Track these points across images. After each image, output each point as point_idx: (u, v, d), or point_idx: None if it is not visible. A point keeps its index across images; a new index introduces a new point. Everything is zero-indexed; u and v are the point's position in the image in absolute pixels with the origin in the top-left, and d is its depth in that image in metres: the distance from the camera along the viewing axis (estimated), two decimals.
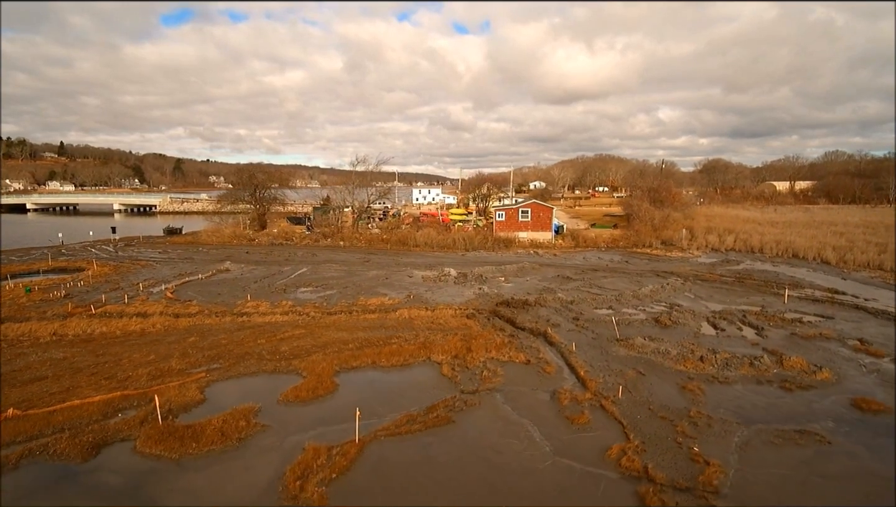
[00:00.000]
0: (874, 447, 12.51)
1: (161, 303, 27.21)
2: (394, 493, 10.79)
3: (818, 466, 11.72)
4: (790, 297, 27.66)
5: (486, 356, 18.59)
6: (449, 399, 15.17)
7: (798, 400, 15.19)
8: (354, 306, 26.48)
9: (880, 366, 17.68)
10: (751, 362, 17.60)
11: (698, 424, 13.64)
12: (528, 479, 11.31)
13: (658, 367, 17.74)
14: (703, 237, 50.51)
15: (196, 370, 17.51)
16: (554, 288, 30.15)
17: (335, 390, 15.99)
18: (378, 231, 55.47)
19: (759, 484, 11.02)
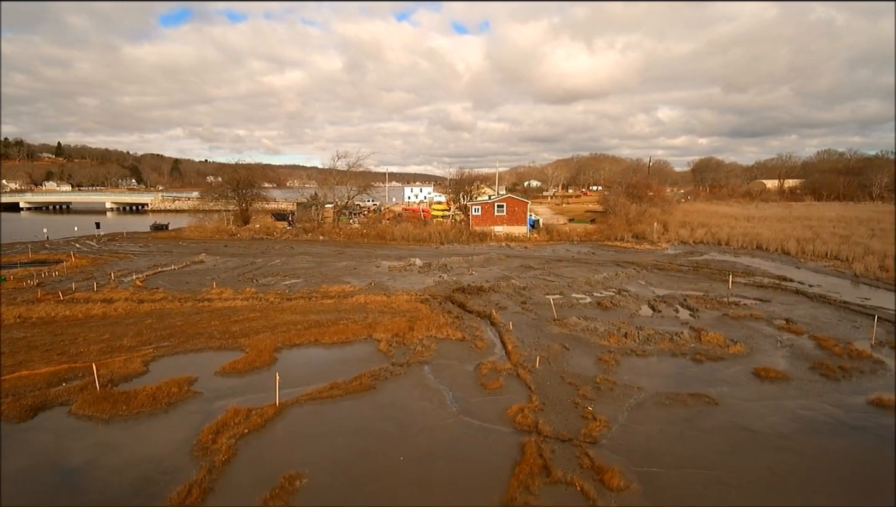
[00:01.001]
0: (757, 407, 13.47)
1: (129, 290, 28.14)
2: (299, 445, 11.73)
3: (697, 422, 12.68)
4: (737, 283, 28.62)
5: (425, 335, 19.53)
6: (377, 370, 16.11)
7: (704, 370, 16.14)
8: (315, 293, 27.41)
9: (795, 342, 18.64)
10: (671, 338, 18.58)
11: (601, 389, 14.60)
12: (428, 434, 12.25)
13: (584, 342, 18.69)
14: (675, 231, 51.50)
15: (145, 348, 18.44)
16: (512, 276, 31.11)
17: (273, 363, 16.91)
18: (358, 226, 56.46)
19: (637, 436, 11.97)
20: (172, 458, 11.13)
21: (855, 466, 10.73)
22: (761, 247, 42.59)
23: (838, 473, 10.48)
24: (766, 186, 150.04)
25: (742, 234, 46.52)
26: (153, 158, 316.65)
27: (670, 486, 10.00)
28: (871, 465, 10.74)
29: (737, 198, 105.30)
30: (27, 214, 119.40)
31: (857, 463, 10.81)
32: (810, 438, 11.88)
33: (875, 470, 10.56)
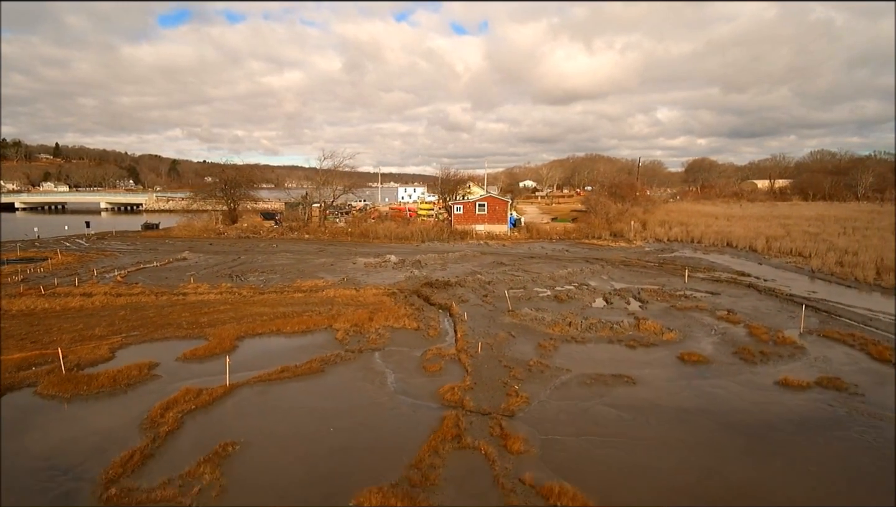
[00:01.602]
0: (670, 386, 14.56)
1: (108, 285, 29.18)
2: (240, 420, 12.80)
3: (610, 398, 13.77)
4: (695, 278, 29.76)
5: (382, 325, 20.60)
6: (329, 356, 17.18)
7: (635, 354, 17.23)
8: (287, 288, 28.46)
9: (729, 330, 19.74)
10: (611, 327, 19.69)
11: (533, 371, 15.69)
12: (362, 410, 13.33)
13: (530, 331, 19.78)
14: (652, 230, 52.61)
15: (115, 337, 19.50)
16: (481, 272, 32.20)
17: (233, 350, 17.96)
18: (344, 225, 57.55)
19: (551, 410, 13.06)
20: (123, 430, 12.19)
21: (737, 433, 11.82)
22: (731, 244, 43.73)
23: (720, 438, 11.57)
24: (757, 186, 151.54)
25: (715, 232, 47.67)
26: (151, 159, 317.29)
27: (565, 449, 11.09)
28: (756, 434, 11.81)
29: (724, 198, 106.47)
30: (22, 214, 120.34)
31: (742, 433, 11.89)
32: (708, 411, 12.98)
33: (756, 440, 11.63)
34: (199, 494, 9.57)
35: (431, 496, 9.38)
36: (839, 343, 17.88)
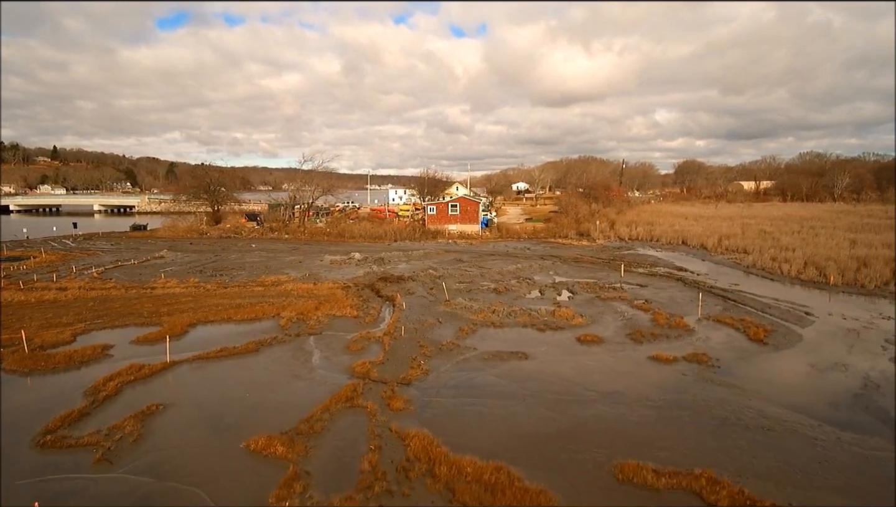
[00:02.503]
0: (558, 360, 16.55)
1: (84, 281, 31.15)
2: (172, 388, 14.80)
3: (499, 370, 15.77)
4: (633, 273, 31.80)
5: (325, 313, 22.60)
6: (267, 338, 19.17)
7: (541, 336, 19.23)
8: (251, 282, 30.44)
9: (636, 316, 21.76)
10: (530, 313, 21.71)
11: (443, 349, 17.69)
12: (281, 380, 15.31)
13: (457, 317, 21.78)
14: (619, 229, 54.65)
15: (80, 324, 21.48)
16: (437, 268, 34.21)
17: (183, 335, 19.97)
18: (322, 225, 59.55)
19: (443, 379, 15.07)
20: (69, 396, 14.17)
21: (592, 393, 13.82)
22: (685, 242, 45.79)
23: (575, 398, 13.56)
24: (743, 188, 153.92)
25: (675, 231, 49.72)
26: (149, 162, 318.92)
27: (440, 407, 13.11)
28: (606, 392, 13.80)
29: (706, 199, 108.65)
30: (17, 216, 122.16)
31: (596, 391, 13.88)
32: (576, 378, 14.97)
33: (603, 397, 13.62)
34: (119, 440, 11.57)
35: (310, 440, 11.38)
36: (727, 326, 19.91)
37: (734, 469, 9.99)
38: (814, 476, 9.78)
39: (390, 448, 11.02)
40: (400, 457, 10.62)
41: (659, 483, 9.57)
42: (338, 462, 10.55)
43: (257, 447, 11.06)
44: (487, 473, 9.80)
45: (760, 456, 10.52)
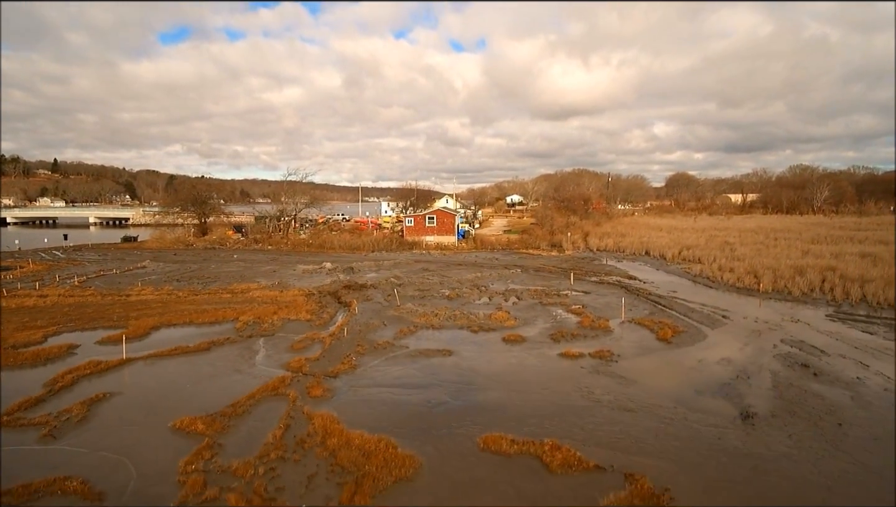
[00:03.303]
0: (477, 356, 18.28)
1: (65, 289, 32.94)
2: (123, 382, 16.53)
3: (422, 364, 17.52)
4: (583, 281, 33.64)
5: (281, 317, 24.38)
6: (220, 339, 20.93)
7: (472, 337, 20.99)
8: (222, 290, 32.22)
9: (566, 319, 23.54)
10: (468, 317, 23.49)
11: (377, 348, 19.44)
12: (223, 374, 17.04)
13: (402, 320, 23.56)
14: (591, 240, 56.59)
15: (52, 327, 23.25)
16: (402, 277, 36.03)
17: (146, 336, 21.74)
18: (305, 237, 61.53)
19: (369, 372, 16.83)
20: (30, 387, 15.87)
21: (494, 381, 15.54)
22: (648, 253, 47.67)
23: (476, 386, 15.29)
24: (731, 200, 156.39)
25: (641, 242, 51.63)
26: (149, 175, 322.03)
27: (356, 395, 14.86)
28: (505, 381, 15.53)
29: (688, 211, 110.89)
30: (13, 228, 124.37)
31: (496, 380, 15.61)
32: (485, 370, 16.71)
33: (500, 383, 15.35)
34: (65, 420, 13.31)
35: (229, 421, 13.12)
36: (643, 328, 21.68)
37: (580, 439, 11.74)
38: (644, 444, 11.52)
39: (297, 426, 12.76)
40: (302, 432, 12.36)
41: (511, 450, 11.31)
42: (248, 437, 12.29)
43: (181, 426, 12.80)
44: (370, 443, 11.54)
45: (608, 429, 12.27)
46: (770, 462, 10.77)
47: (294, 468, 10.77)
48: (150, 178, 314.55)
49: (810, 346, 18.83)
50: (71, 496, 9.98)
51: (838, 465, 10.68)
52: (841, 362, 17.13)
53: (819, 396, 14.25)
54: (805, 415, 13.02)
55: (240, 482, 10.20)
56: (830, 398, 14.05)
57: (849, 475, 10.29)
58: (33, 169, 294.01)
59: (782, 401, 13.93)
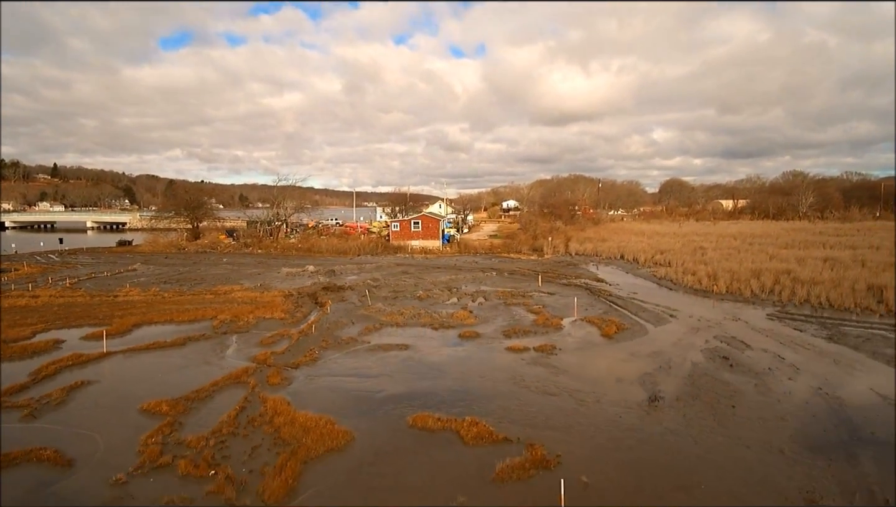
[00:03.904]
0: (434, 350, 19.80)
1: (56, 290, 34.46)
2: (102, 370, 18.05)
3: (379, 357, 19.03)
4: (551, 282, 35.22)
5: (257, 316, 25.90)
6: (195, 335, 22.46)
7: (432, 333, 22.51)
8: (206, 291, 33.75)
9: (523, 317, 25.08)
10: (432, 316, 25.04)
11: (341, 343, 20.97)
12: (194, 366, 18.54)
13: (369, 319, 25.10)
14: (572, 245, 58.17)
15: (41, 324, 24.77)
16: (381, 279, 37.59)
17: (128, 332, 23.27)
18: (294, 241, 63.12)
19: (329, 364, 18.34)
20: (16, 376, 17.40)
21: (439, 372, 17.06)
22: (623, 257, 49.27)
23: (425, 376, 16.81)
24: (722, 206, 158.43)
25: (618, 247, 53.25)
26: (148, 179, 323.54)
27: (312, 383, 16.38)
28: (449, 373, 17.05)
29: (676, 217, 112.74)
30: (12, 232, 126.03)
31: (441, 371, 17.14)
32: (436, 362, 18.25)
33: (442, 373, 16.87)
34: (46, 404, 14.83)
35: (192, 404, 14.64)
36: (592, 325, 23.25)
37: (498, 417, 13.28)
38: (552, 422, 13.07)
39: (251, 408, 14.28)
40: (255, 413, 13.88)
41: (435, 426, 12.85)
42: (206, 417, 13.81)
43: (148, 408, 14.31)
44: (311, 421, 13.07)
45: (526, 410, 13.81)
46: (656, 436, 12.31)
47: (241, 442, 12.30)
48: (150, 182, 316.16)
49: (739, 341, 20.39)
50: (45, 463, 11.50)
51: (717, 440, 12.22)
52: (761, 355, 18.68)
53: (726, 383, 15.80)
54: (706, 399, 14.57)
55: (192, 452, 11.72)
56: (735, 386, 15.60)
57: (722, 448, 11.82)
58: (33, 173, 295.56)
59: (691, 387, 15.48)
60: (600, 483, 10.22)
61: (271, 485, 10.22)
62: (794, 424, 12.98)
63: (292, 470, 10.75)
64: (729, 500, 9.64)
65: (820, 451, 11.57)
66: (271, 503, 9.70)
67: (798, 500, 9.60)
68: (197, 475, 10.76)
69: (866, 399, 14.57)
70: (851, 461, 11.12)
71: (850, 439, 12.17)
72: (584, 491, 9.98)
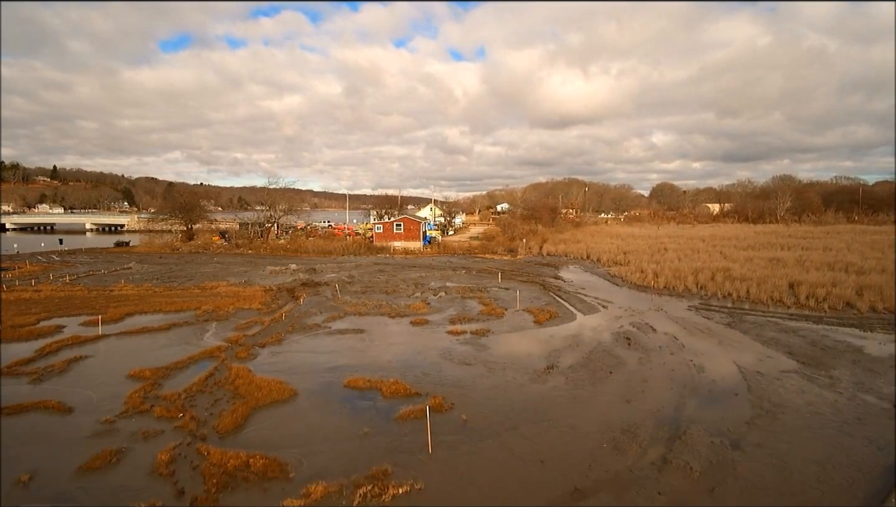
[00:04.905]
0: (385, 336, 22.92)
1: (58, 285, 37.57)
2: (97, 349, 21.16)
3: (336, 338, 22.16)
4: (513, 279, 38.36)
5: (236, 307, 29.02)
6: (179, 322, 25.58)
7: (388, 320, 25.62)
8: (194, 287, 36.86)
9: (473, 308, 28.22)
10: (391, 306, 28.18)
11: (307, 327, 24.10)
12: (175, 345, 21.64)
13: (335, 308, 28.22)
14: (547, 246, 61.36)
15: (44, 313, 27.88)
16: (357, 276, 40.73)
17: (121, 320, 26.38)
18: (283, 242, 66.27)
19: (293, 344, 21.45)
20: (25, 352, 20.52)
21: (391, 355, 20.17)
22: (588, 257, 52.47)
23: (375, 352, 19.93)
24: (709, 209, 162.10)
25: (587, 248, 56.47)
26: (147, 182, 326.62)
27: (274, 357, 19.49)
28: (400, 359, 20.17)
29: (658, 220, 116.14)
30: (12, 233, 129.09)
31: (394, 356, 20.25)
32: (385, 343, 21.37)
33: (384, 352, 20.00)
34: (49, 372, 17.95)
35: (170, 372, 17.75)
36: (529, 314, 26.40)
37: (416, 379, 16.41)
38: (459, 382, 16.21)
39: (219, 374, 17.42)
40: (221, 378, 17.01)
41: (364, 385, 16.00)
42: (182, 380, 16.93)
43: (134, 374, 17.45)
44: (265, 381, 16.21)
45: (442, 375, 16.96)
46: (536, 391, 15.47)
47: (206, 396, 15.43)
48: (149, 185, 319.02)
49: (648, 327, 23.57)
50: (50, 410, 14.62)
51: (582, 393, 15.37)
52: (660, 337, 21.85)
53: (616, 357, 18.96)
54: (592, 368, 17.72)
55: (166, 403, 14.85)
56: (623, 359, 18.76)
57: (583, 398, 14.97)
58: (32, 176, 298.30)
59: (586, 360, 18.63)
60: (474, 420, 13.38)
61: (224, 422, 13.36)
62: (653, 384, 16.14)
63: (242, 413, 13.90)
64: (566, 428, 12.79)
65: (663, 400, 14.71)
66: (222, 433, 12.83)
67: (617, 431, 12.74)
68: (168, 416, 13.90)
69: (725, 369, 17.72)
70: (679, 408, 14.26)
71: (689, 393, 15.32)
72: (461, 425, 13.13)
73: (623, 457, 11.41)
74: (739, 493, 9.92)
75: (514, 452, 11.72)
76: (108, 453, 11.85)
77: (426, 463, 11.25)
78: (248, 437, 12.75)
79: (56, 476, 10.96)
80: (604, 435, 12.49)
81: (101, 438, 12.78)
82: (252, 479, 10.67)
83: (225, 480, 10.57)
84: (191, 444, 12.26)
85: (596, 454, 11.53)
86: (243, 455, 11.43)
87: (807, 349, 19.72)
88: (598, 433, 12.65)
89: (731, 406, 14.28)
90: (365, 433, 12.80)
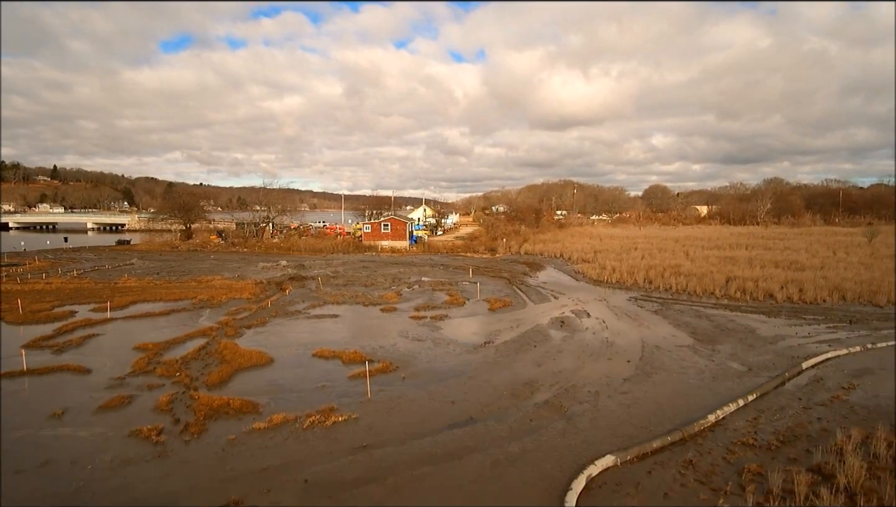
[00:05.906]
0: (354, 319, 26.40)
1: (66, 278, 41.01)
2: (106, 329, 24.62)
3: (313, 323, 25.62)
4: (485, 275, 41.85)
5: (229, 297, 32.50)
6: (177, 308, 29.05)
7: (361, 309, 29.09)
8: (191, 281, 40.31)
9: (439, 298, 31.68)
10: (367, 296, 31.66)
11: (289, 313, 27.55)
12: (174, 326, 25.10)
13: (317, 298, 31.69)
14: (526, 246, 64.83)
15: (57, 301, 31.35)
16: (342, 271, 44.21)
17: (125, 307, 29.85)
18: (278, 241, 69.77)
19: (276, 327, 24.91)
20: (45, 331, 23.97)
21: (362, 334, 23.63)
22: (562, 256, 55.98)
23: (345, 331, 23.39)
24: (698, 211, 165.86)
25: (562, 247, 59.98)
26: (147, 182, 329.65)
27: (260, 336, 22.94)
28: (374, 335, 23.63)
29: (643, 221, 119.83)
30: (15, 232, 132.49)
31: (365, 333, 23.72)
32: (356, 325, 24.84)
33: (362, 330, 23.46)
34: (67, 346, 21.42)
35: (170, 346, 21.21)
36: (486, 302, 29.88)
37: (373, 351, 19.88)
38: (406, 353, 19.70)
39: (210, 346, 20.90)
40: (212, 349, 20.48)
41: (328, 355, 19.49)
42: (179, 351, 20.41)
43: (139, 347, 20.93)
44: (247, 351, 19.68)
45: (395, 349, 20.45)
46: (468, 359, 18.95)
47: (199, 362, 18.91)
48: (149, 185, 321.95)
49: (585, 313, 27.07)
50: (72, 371, 18.10)
51: (505, 360, 18.85)
52: (591, 321, 25.34)
53: (546, 335, 22.45)
54: (521, 342, 21.22)
55: (166, 366, 18.33)
56: (550, 336, 22.26)
57: (505, 363, 18.45)
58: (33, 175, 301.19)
59: (519, 337, 22.12)
60: (411, 378, 16.91)
61: (212, 378, 16.85)
62: (566, 354, 19.61)
63: (227, 372, 17.39)
64: (482, 382, 16.29)
65: (567, 365, 18.18)
66: (210, 386, 16.30)
67: (520, 384, 16.23)
68: (168, 375, 17.39)
69: (631, 345, 21.17)
70: (577, 370, 17.75)
71: (591, 360, 18.80)
72: (400, 381, 16.64)
73: (516, 400, 14.91)
74: (589, 420, 13.41)
75: (433, 397, 15.22)
76: (121, 397, 15.35)
77: (364, 404, 14.75)
78: (231, 388, 16.24)
79: (82, 411, 14.45)
80: (508, 387, 16.00)
81: (115, 389, 16.26)
82: (231, 413, 14.16)
83: (210, 413, 14.06)
84: (185, 392, 15.75)
85: (496, 398, 15.03)
86: (226, 398, 14.92)
87: (709, 330, 23.25)
88: (504, 385, 16.15)
89: (618, 369, 17.77)
90: (322, 386, 16.29)
